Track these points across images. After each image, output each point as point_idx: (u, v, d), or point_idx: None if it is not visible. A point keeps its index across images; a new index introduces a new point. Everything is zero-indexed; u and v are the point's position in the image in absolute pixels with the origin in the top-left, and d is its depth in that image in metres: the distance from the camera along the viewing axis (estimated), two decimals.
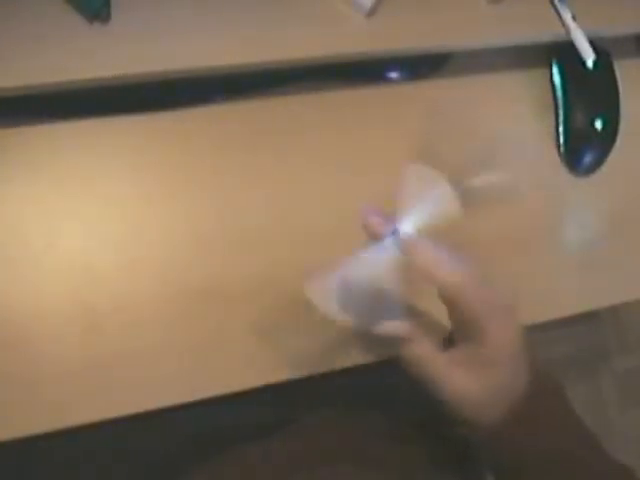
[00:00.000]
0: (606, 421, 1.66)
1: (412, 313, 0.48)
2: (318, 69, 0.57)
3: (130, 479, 0.59)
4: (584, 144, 0.66)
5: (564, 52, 0.64)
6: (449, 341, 0.47)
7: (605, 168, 0.67)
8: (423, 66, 0.62)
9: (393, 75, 0.62)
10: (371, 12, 0.54)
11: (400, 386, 0.63)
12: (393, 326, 0.46)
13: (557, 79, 0.66)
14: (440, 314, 0.47)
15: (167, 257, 0.55)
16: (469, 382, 0.45)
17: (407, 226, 0.45)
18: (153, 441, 0.60)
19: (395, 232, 0.45)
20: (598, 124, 0.65)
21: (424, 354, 0.46)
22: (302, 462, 0.53)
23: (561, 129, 0.66)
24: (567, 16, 0.59)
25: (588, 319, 1.65)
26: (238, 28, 0.51)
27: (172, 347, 0.54)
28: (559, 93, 0.66)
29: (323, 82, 0.59)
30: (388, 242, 0.45)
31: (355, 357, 0.57)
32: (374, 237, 0.46)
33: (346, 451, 0.54)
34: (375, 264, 0.46)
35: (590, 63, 0.60)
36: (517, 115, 0.66)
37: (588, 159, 0.66)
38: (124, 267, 0.54)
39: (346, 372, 0.57)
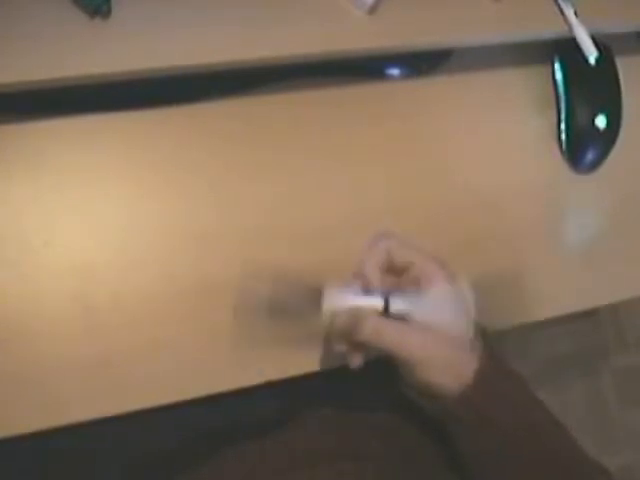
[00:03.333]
0: (605, 419, 1.66)
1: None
2: (319, 66, 0.56)
3: (129, 478, 0.59)
4: (586, 141, 0.65)
5: (566, 49, 0.64)
6: None
7: (607, 165, 0.67)
8: (424, 63, 0.62)
9: (394, 72, 0.62)
10: (372, 9, 0.53)
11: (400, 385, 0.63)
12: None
13: (559, 76, 0.66)
14: None
15: (167, 255, 0.55)
16: (424, 340, 0.48)
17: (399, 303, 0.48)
18: (152, 439, 0.60)
19: (386, 300, 0.48)
20: (600, 121, 0.65)
21: (376, 325, 0.48)
22: (302, 461, 0.52)
23: (563, 126, 0.66)
24: (569, 12, 0.58)
25: (588, 317, 1.65)
26: (239, 25, 0.51)
27: (172, 345, 0.54)
28: (561, 90, 0.66)
29: (324, 79, 0.59)
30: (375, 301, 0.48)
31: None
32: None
33: (346, 450, 0.54)
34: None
35: (592, 60, 0.60)
36: (519, 112, 0.66)
37: (590, 156, 0.66)
38: (124, 265, 0.54)
39: (346, 371, 0.57)
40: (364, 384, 0.64)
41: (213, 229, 0.56)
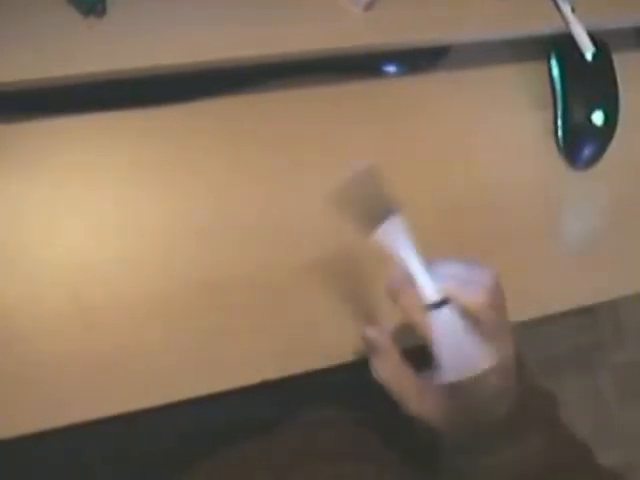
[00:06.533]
0: (604, 416, 1.66)
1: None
2: (316, 64, 0.56)
3: (130, 478, 0.59)
4: (583, 137, 0.65)
5: (563, 45, 0.64)
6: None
7: (604, 161, 0.67)
8: (421, 60, 0.62)
9: (391, 69, 0.62)
10: (369, 6, 0.53)
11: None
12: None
13: (556, 72, 0.66)
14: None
15: (166, 255, 0.55)
16: (440, 410, 0.45)
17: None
18: (152, 439, 0.60)
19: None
20: (597, 117, 0.65)
21: (395, 369, 0.47)
22: (302, 460, 0.53)
23: (560, 122, 0.66)
24: (566, 9, 0.58)
25: (586, 314, 1.65)
26: (236, 23, 0.51)
27: (171, 345, 0.54)
28: (558, 86, 0.66)
29: (321, 77, 0.59)
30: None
31: (355, 354, 0.57)
32: None
33: (346, 449, 0.54)
34: None
35: (589, 56, 0.60)
36: (515, 108, 0.66)
37: (587, 152, 0.66)
38: (123, 265, 0.53)
39: (346, 369, 0.57)
40: (364, 384, 0.64)
41: (213, 229, 0.56)
